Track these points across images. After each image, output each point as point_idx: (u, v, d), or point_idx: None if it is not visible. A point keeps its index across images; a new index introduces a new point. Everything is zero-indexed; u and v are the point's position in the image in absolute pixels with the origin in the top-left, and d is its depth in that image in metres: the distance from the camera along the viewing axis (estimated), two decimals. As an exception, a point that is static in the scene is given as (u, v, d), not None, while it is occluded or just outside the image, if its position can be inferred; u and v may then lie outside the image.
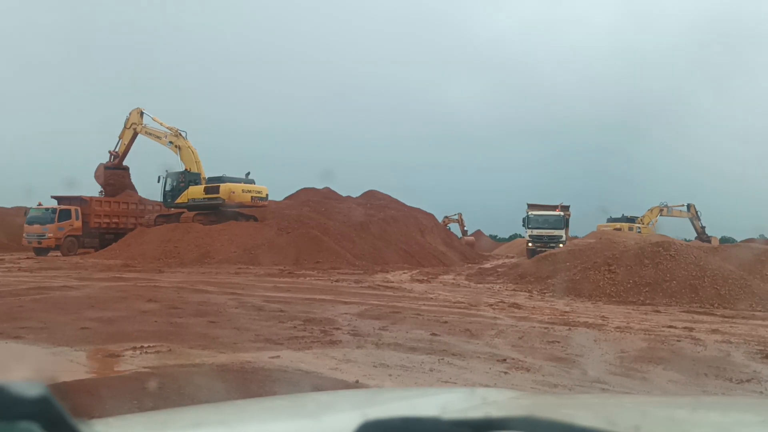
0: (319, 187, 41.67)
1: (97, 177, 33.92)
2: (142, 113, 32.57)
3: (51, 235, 29.05)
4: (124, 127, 33.24)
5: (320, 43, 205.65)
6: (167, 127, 31.85)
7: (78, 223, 30.12)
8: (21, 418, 0.60)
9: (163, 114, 32.63)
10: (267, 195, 31.76)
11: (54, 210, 29.89)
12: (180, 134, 31.45)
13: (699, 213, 51.04)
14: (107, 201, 32.61)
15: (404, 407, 1.47)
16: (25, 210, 31.18)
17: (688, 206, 51.28)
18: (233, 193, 30.46)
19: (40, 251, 29.17)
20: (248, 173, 31.42)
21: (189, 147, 31.36)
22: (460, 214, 54.35)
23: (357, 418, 0.81)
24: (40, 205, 30.84)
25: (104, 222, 31.53)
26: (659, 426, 1.25)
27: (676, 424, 1.29)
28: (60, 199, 31.06)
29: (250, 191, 30.80)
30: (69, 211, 29.98)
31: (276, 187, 36.94)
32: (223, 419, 1.39)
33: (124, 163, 34.54)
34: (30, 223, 29.62)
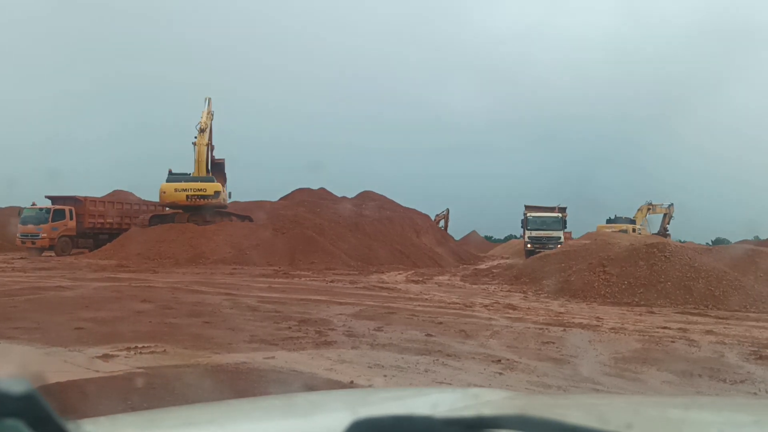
0: (314, 187, 41.73)
1: None
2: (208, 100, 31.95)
3: (45, 235, 28.91)
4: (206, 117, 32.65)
5: (318, 43, 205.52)
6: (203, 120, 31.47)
7: (72, 223, 30.01)
8: (6, 415, 0.60)
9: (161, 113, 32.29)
10: (218, 192, 30.01)
11: (48, 210, 29.74)
12: (202, 130, 31.08)
13: (672, 216, 51.71)
14: (102, 201, 32.56)
15: (397, 406, 1.47)
16: (19, 210, 31.05)
17: (670, 205, 51.82)
18: (164, 192, 29.98)
19: (34, 251, 29.00)
20: (208, 170, 30.78)
21: (200, 144, 31.01)
22: (447, 210, 52.89)
23: (348, 417, 0.80)
24: (34, 205, 30.73)
25: (98, 222, 31.45)
26: (652, 424, 1.25)
27: (668, 423, 1.29)
28: (54, 199, 30.96)
29: (185, 189, 29.56)
30: (63, 211, 29.85)
31: (271, 187, 36.87)
32: (214, 418, 1.38)
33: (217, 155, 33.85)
34: (24, 223, 29.43)
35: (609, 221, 47.63)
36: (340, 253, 27.29)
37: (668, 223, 51.70)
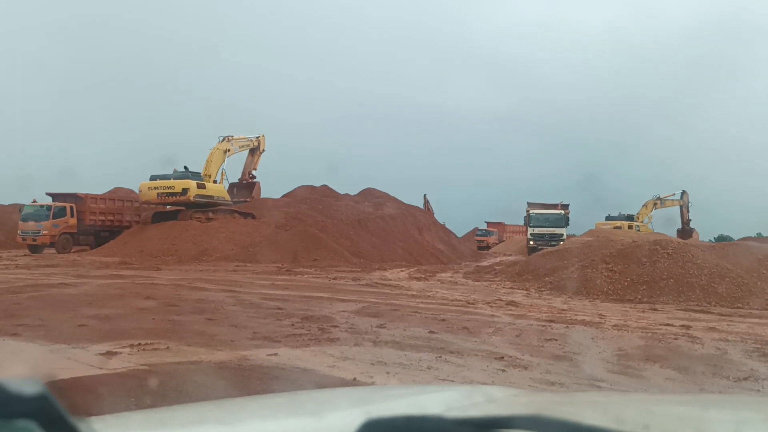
0: (317, 184, 41.72)
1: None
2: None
3: (46, 232, 28.75)
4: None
5: (321, 37, 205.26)
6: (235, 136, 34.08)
7: (73, 221, 29.84)
8: (19, 416, 0.59)
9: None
10: (186, 189, 29.57)
11: (49, 207, 29.60)
12: (224, 138, 32.83)
13: (690, 203, 49.62)
14: (102, 198, 32.52)
15: (407, 405, 1.46)
16: (20, 207, 30.90)
17: (682, 194, 49.78)
18: (141, 191, 30.66)
19: (35, 248, 28.90)
20: (185, 167, 31.02)
21: (215, 148, 32.35)
22: (424, 196, 49.79)
23: (359, 416, 0.80)
24: (34, 201, 30.60)
25: (99, 219, 31.36)
26: (668, 425, 1.24)
27: (685, 423, 1.27)
28: (55, 196, 30.84)
29: (156, 188, 29.98)
30: (64, 208, 29.70)
31: (274, 183, 37.63)
32: (223, 417, 1.38)
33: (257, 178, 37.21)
34: (25, 220, 29.26)
35: (608, 218, 47.26)
36: (342, 251, 27.31)
37: (688, 212, 49.22)
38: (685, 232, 47.11)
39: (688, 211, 49.56)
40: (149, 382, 5.58)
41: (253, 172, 36.70)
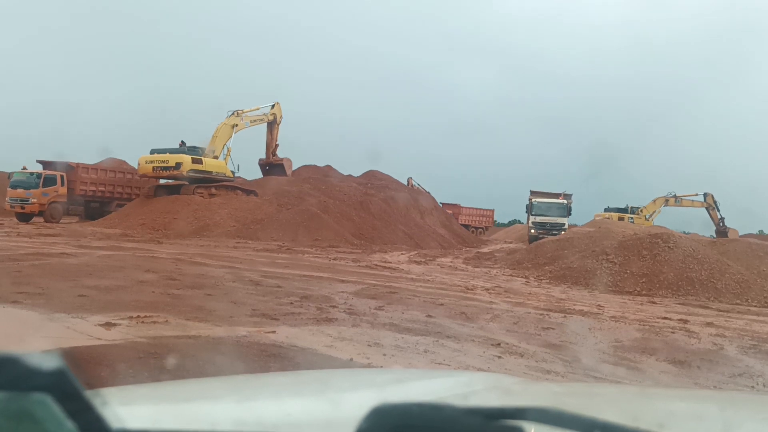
0: (320, 164, 41.66)
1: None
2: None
3: (35, 200, 28.16)
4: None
5: (333, 23, 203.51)
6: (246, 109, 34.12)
7: (63, 190, 29.35)
8: (34, 389, 0.60)
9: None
10: (179, 164, 29.47)
11: (39, 175, 28.96)
12: (233, 113, 32.79)
13: (717, 203, 48.25)
14: (94, 169, 32.01)
15: (416, 390, 1.44)
16: (9, 174, 30.14)
17: (705, 195, 48.55)
18: (139, 164, 30.79)
19: (24, 216, 28.32)
20: (182, 142, 30.91)
21: (223, 123, 32.27)
22: (409, 179, 46.55)
23: (369, 399, 0.79)
24: (24, 169, 29.99)
25: (90, 190, 31.11)
26: (684, 424, 1.22)
27: (702, 422, 1.25)
28: (45, 164, 30.31)
29: (152, 162, 30.06)
30: (54, 176, 29.12)
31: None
32: (229, 395, 1.36)
33: (279, 154, 37.50)
34: (14, 187, 28.61)
35: (606, 210, 47.15)
36: (344, 231, 27.33)
37: (718, 212, 47.85)
38: (721, 233, 46.19)
39: (718, 211, 48.32)
40: (147, 354, 5.61)
41: (277, 143, 37.07)
